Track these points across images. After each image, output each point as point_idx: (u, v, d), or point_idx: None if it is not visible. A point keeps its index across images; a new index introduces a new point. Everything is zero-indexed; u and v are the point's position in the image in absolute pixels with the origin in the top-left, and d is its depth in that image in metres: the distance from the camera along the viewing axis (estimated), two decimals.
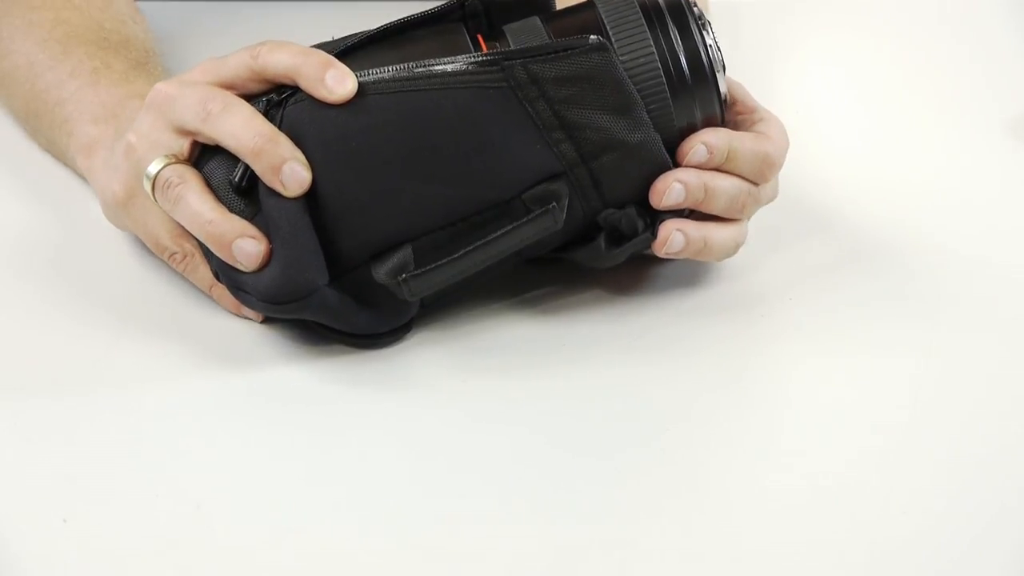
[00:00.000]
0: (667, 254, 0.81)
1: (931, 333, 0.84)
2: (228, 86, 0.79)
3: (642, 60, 0.79)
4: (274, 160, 0.76)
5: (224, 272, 0.78)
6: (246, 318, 0.82)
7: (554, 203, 0.78)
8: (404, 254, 0.77)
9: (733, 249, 0.83)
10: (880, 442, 0.77)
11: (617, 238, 0.80)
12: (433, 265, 0.77)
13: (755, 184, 0.82)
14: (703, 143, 0.80)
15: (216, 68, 0.79)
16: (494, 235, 0.78)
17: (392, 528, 0.72)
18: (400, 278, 0.77)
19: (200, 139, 0.78)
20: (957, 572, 0.70)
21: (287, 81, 0.78)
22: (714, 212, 0.82)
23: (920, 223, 0.92)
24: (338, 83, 0.76)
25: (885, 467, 0.75)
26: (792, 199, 0.87)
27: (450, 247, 0.78)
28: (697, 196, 0.80)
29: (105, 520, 0.72)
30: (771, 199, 0.85)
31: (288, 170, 0.76)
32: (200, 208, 0.77)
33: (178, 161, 0.79)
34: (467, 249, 0.78)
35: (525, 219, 0.78)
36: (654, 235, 0.81)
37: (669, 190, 0.79)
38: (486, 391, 0.79)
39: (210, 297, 0.82)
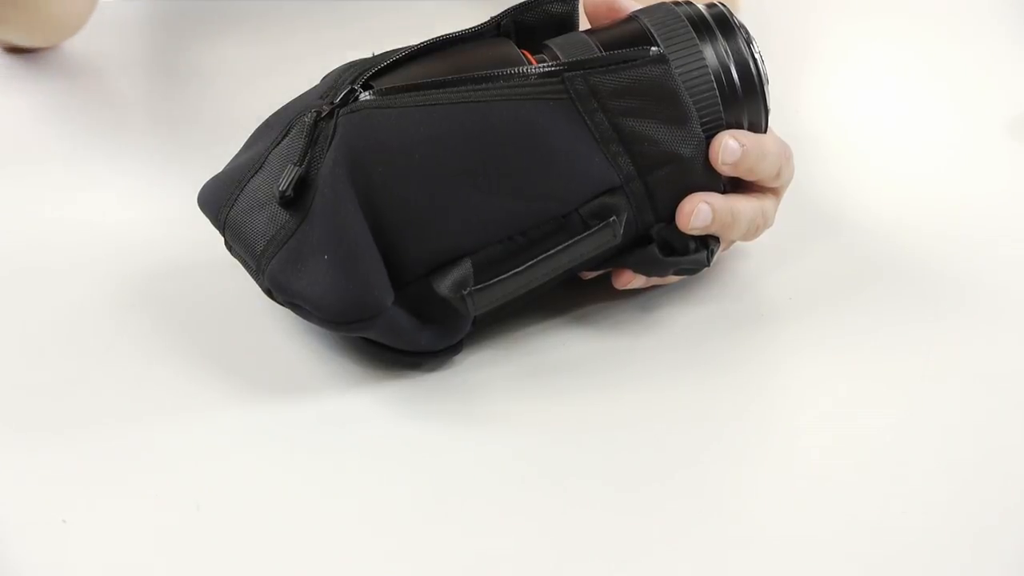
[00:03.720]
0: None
1: (931, 334, 0.84)
2: None
3: (695, 72, 0.79)
4: None
5: (280, 290, 0.77)
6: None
7: (614, 217, 0.78)
8: (464, 268, 0.76)
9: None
10: (881, 442, 0.77)
11: (670, 251, 0.80)
12: (497, 279, 0.76)
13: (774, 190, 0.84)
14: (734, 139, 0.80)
15: None
16: (555, 249, 0.77)
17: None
18: (464, 292, 0.76)
19: None
20: (957, 572, 0.70)
21: None
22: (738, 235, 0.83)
23: (920, 223, 0.92)
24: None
25: (885, 467, 0.75)
26: (791, 200, 0.87)
27: (508, 261, 0.77)
28: (724, 219, 0.80)
29: (105, 520, 0.72)
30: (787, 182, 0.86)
31: None
32: None
33: None
34: (530, 263, 0.77)
35: (585, 233, 0.78)
36: (708, 256, 0.81)
37: (697, 212, 0.80)
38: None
39: None
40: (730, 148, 0.80)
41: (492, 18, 0.81)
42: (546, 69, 0.77)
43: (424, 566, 0.70)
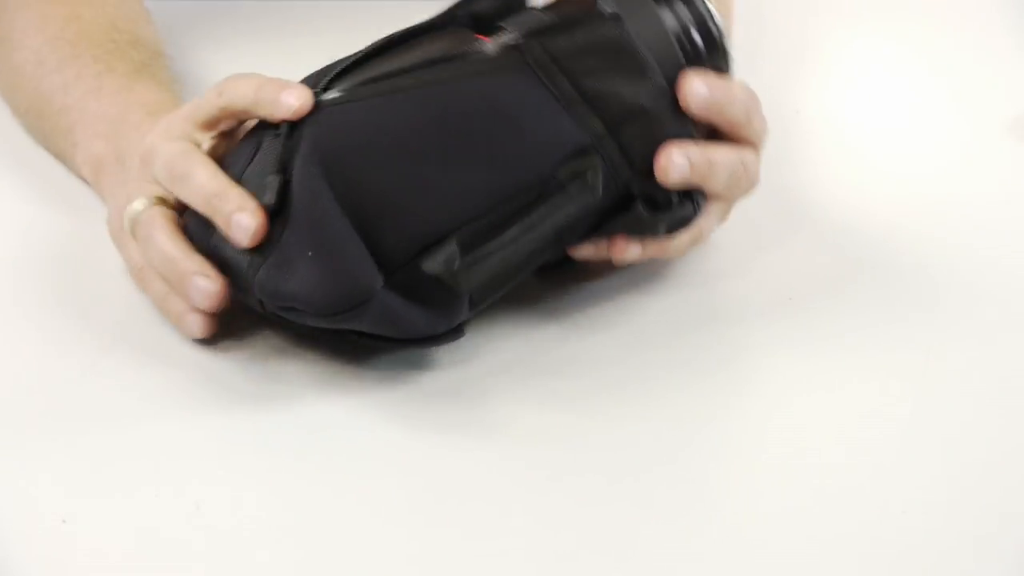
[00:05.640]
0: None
1: (931, 332, 0.84)
2: (209, 126, 0.81)
3: (652, 30, 0.80)
4: (223, 215, 0.77)
5: (272, 296, 0.77)
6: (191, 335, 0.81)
7: (589, 173, 0.78)
8: (450, 246, 0.77)
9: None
10: (880, 442, 0.77)
11: (655, 207, 0.80)
12: (485, 249, 0.77)
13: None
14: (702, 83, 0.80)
15: (194, 113, 0.81)
16: (537, 213, 0.77)
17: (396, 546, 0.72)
18: (454, 267, 0.76)
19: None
20: (957, 572, 0.70)
21: (250, 115, 0.80)
22: (718, 183, 0.82)
23: (920, 223, 0.92)
24: (293, 98, 0.77)
25: (885, 467, 0.75)
26: (791, 199, 0.87)
27: (494, 233, 0.77)
28: (701, 166, 0.80)
29: (104, 520, 0.72)
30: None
31: (234, 222, 0.77)
32: (165, 246, 0.79)
33: (156, 204, 0.81)
34: (514, 230, 0.77)
35: (564, 194, 0.78)
36: (695, 207, 0.80)
37: (672, 163, 0.79)
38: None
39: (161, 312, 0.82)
40: (696, 85, 0.80)
41: (445, 11, 0.82)
42: (502, 42, 0.78)
43: (418, 564, 0.70)
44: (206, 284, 0.78)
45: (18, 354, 0.82)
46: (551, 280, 0.85)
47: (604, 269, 0.85)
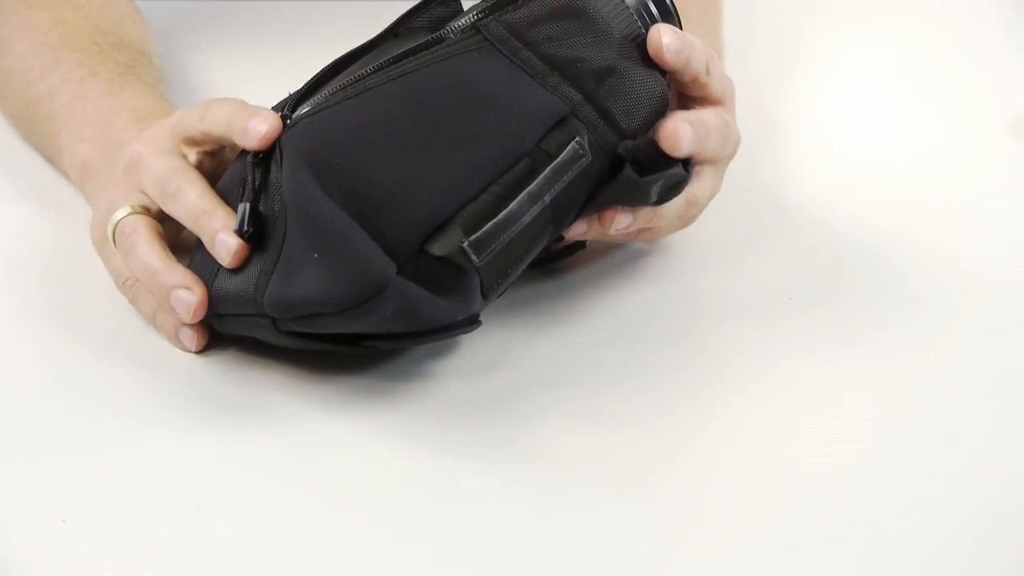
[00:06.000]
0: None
1: (930, 332, 0.84)
2: (193, 143, 0.82)
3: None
4: (208, 233, 0.78)
5: (285, 308, 0.76)
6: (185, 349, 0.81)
7: (577, 138, 0.78)
8: (454, 228, 0.76)
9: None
10: (880, 442, 0.77)
11: (643, 169, 0.80)
12: (489, 227, 0.76)
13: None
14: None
15: (179, 128, 0.82)
16: (536, 184, 0.77)
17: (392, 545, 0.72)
18: (463, 243, 0.76)
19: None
20: (957, 571, 0.70)
21: (227, 142, 0.80)
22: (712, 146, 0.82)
23: (920, 222, 0.92)
24: (261, 124, 0.78)
25: (885, 467, 0.75)
26: (791, 199, 0.87)
27: (494, 209, 0.77)
28: (699, 131, 0.80)
29: (104, 520, 0.72)
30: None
31: (218, 241, 0.77)
32: (147, 257, 0.80)
33: (139, 212, 0.81)
34: (514, 205, 0.77)
35: (557, 160, 0.78)
36: (685, 167, 0.80)
37: (679, 133, 0.79)
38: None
39: (153, 325, 0.82)
40: (667, 34, 0.80)
41: (395, 21, 0.82)
42: (460, 26, 0.79)
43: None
44: (188, 297, 0.78)
45: (16, 355, 0.82)
46: (545, 271, 0.85)
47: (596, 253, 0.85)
